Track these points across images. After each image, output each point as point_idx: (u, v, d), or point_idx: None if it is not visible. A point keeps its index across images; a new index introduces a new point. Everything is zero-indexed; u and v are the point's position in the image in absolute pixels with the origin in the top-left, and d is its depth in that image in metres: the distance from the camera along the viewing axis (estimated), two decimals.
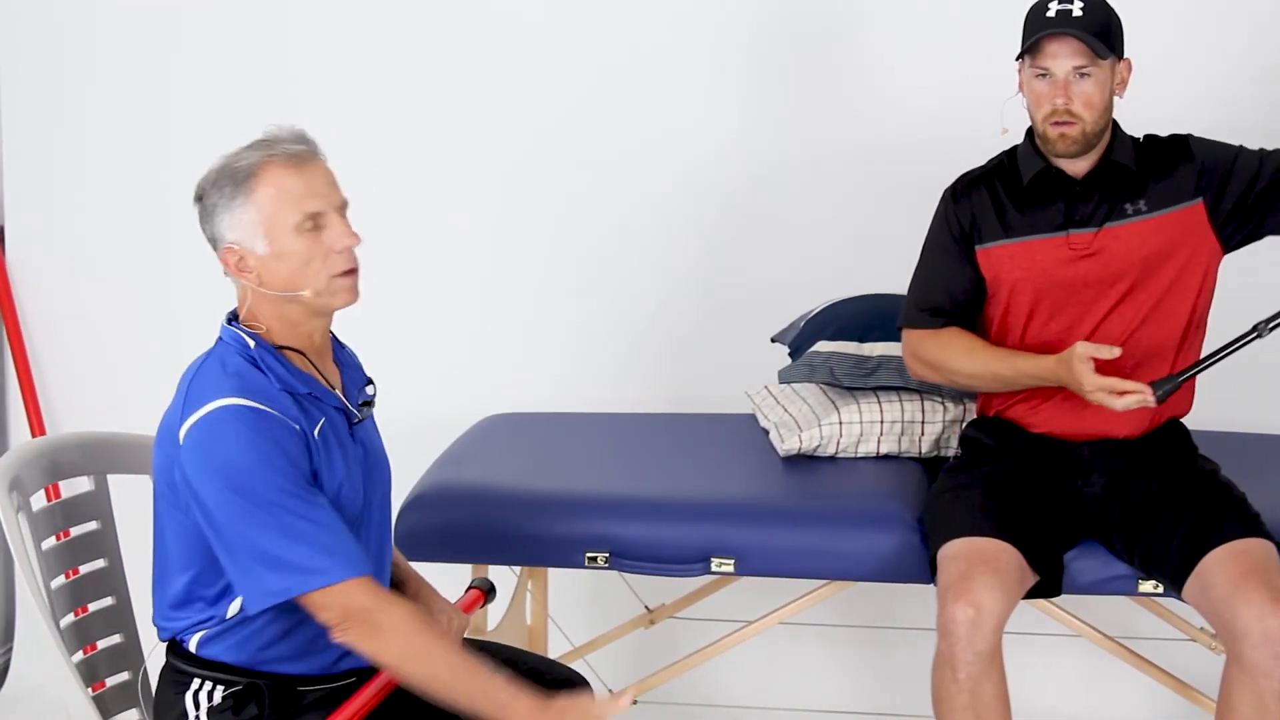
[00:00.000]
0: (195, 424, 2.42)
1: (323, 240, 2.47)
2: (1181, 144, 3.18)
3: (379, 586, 2.45)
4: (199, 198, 2.50)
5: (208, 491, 2.39)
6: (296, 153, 2.48)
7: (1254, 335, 2.96)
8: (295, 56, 4.34)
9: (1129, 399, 2.94)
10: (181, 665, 2.55)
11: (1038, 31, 3.05)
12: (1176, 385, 2.95)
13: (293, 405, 2.47)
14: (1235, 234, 3.16)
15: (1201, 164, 3.14)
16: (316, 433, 2.49)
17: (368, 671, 2.61)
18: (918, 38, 4.11)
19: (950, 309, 3.25)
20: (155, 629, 2.61)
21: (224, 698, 2.52)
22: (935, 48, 4.09)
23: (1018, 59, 3.10)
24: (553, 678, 2.81)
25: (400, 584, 2.80)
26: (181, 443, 2.43)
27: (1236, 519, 2.98)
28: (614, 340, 4.26)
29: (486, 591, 2.96)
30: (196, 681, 2.53)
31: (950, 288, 3.25)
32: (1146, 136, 3.21)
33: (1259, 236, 3.17)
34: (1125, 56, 3.11)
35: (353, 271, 2.52)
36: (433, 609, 2.74)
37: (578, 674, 2.87)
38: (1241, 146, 3.16)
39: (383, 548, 2.68)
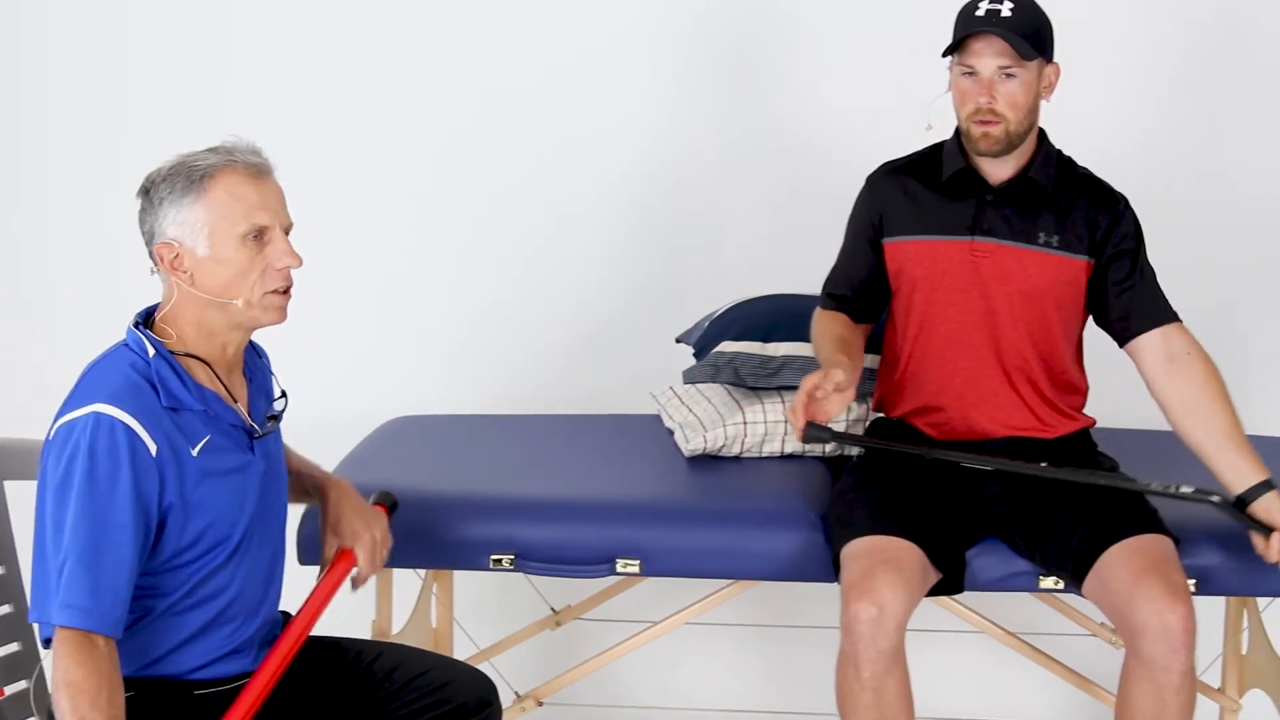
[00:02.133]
0: (65, 423, 2.41)
1: (264, 255, 2.48)
2: (1113, 201, 3.19)
3: (97, 653, 2.35)
4: (145, 190, 2.49)
5: (47, 490, 2.39)
6: (256, 164, 2.49)
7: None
8: (234, 57, 4.31)
9: (791, 419, 3.02)
10: None
11: (965, 30, 3.07)
12: (825, 439, 3.06)
13: (174, 423, 2.45)
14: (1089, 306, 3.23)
15: (1116, 232, 3.17)
16: (198, 450, 2.47)
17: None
18: (842, 40, 4.12)
19: (848, 295, 3.31)
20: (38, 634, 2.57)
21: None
22: (858, 50, 4.11)
23: (944, 55, 3.12)
24: (459, 680, 2.81)
25: (322, 491, 2.81)
26: (50, 437, 2.43)
27: (1134, 516, 3.02)
28: (519, 341, 4.25)
29: (390, 507, 2.95)
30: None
31: (851, 275, 3.30)
32: (1086, 172, 3.23)
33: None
34: (1054, 61, 3.14)
35: (286, 291, 2.53)
36: (356, 525, 2.77)
37: (484, 675, 2.87)
38: (1143, 247, 3.19)
39: (277, 552, 2.67)
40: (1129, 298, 3.17)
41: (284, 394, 2.70)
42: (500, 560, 3.18)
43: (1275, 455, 3.59)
